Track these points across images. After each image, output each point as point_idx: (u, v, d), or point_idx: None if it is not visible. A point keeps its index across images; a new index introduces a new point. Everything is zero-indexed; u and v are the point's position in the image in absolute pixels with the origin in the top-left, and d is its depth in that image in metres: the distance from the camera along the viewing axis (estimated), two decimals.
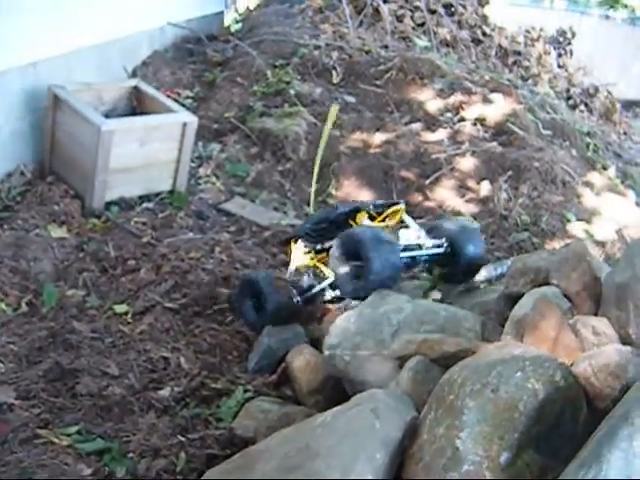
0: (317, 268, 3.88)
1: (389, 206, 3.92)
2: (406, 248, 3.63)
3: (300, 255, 3.97)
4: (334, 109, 5.89)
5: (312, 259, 3.92)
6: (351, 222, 3.78)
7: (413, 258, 3.68)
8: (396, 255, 3.37)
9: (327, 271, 3.72)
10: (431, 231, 3.83)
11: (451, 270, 3.84)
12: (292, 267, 4.02)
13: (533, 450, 2.08)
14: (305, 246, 3.95)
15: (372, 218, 3.86)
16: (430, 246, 3.74)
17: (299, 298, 3.79)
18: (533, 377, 2.13)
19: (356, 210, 3.82)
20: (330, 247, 3.63)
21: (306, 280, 3.88)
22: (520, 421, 2.06)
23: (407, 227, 3.84)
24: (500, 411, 2.08)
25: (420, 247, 3.72)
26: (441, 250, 3.77)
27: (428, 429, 2.21)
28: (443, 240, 3.77)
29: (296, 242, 4.03)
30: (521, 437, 2.05)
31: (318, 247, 3.88)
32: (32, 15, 5.08)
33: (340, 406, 2.40)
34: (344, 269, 3.43)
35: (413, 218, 4.08)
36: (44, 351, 3.56)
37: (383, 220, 3.88)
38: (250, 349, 3.74)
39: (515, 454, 2.04)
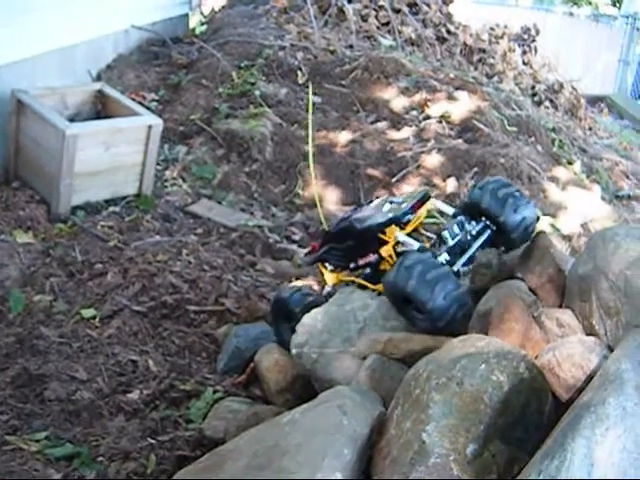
0: (355, 283, 3.42)
1: (419, 205, 3.30)
2: (455, 248, 3.16)
3: (334, 276, 3.51)
4: (310, 93, 5.89)
5: (349, 276, 3.47)
6: (381, 237, 3.21)
7: (470, 258, 3.17)
8: (453, 285, 2.86)
9: (368, 284, 3.31)
10: (467, 210, 3.29)
11: (505, 246, 3.26)
12: (328, 289, 3.50)
13: (500, 441, 2.09)
14: (334, 269, 3.49)
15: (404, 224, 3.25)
16: (478, 232, 3.23)
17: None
18: (497, 369, 2.15)
19: (387, 224, 3.20)
20: (368, 263, 3.28)
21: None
22: (485, 413, 2.08)
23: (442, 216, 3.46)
24: (466, 404, 2.10)
25: (470, 237, 3.22)
26: (488, 232, 3.23)
27: (395, 424, 2.23)
28: (484, 220, 3.24)
29: (324, 265, 3.54)
30: (487, 429, 2.07)
31: (353, 265, 3.39)
32: None
33: (307, 404, 2.41)
34: (406, 311, 2.97)
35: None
36: (11, 357, 3.53)
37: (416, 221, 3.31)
38: (219, 350, 3.74)
39: (482, 446, 2.05)
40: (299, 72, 7.37)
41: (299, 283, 3.64)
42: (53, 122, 4.91)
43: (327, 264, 3.49)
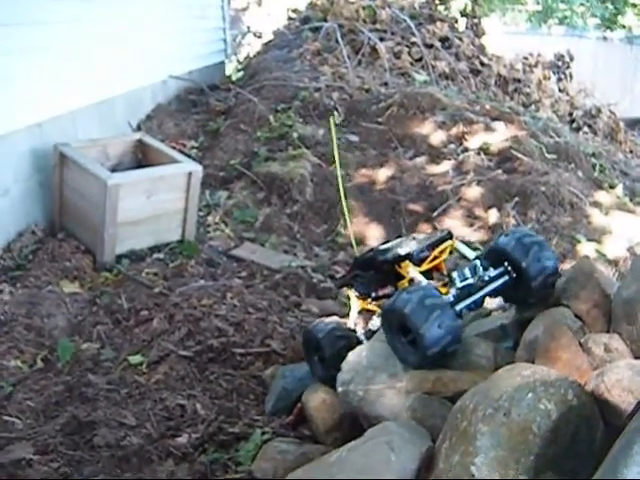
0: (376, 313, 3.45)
1: (436, 245, 3.33)
2: (464, 290, 3.11)
3: (359, 302, 3.55)
4: (332, 119, 5.91)
5: (373, 305, 3.50)
6: (398, 270, 3.27)
7: (475, 302, 3.13)
8: (450, 316, 2.82)
9: None
10: (489, 255, 3.24)
11: (522, 295, 3.20)
12: (354, 314, 3.57)
13: (551, 472, 2.05)
14: (358, 295, 3.54)
15: (419, 261, 3.27)
16: (492, 278, 3.16)
17: (365, 340, 3.38)
18: (545, 397, 2.11)
19: (400, 259, 3.27)
20: (385, 295, 3.30)
21: (375, 323, 3.42)
22: (535, 443, 2.04)
23: (462, 259, 3.44)
24: (514, 434, 2.06)
25: (481, 283, 3.14)
26: (505, 278, 3.16)
27: (444, 458, 2.19)
28: (505, 265, 3.16)
29: (350, 289, 3.61)
30: (537, 459, 2.03)
31: (373, 295, 3.44)
32: (35, 77, 5.19)
33: (355, 441, 2.39)
34: (398, 342, 2.96)
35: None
36: (61, 405, 3.57)
37: (433, 259, 3.31)
38: (266, 392, 3.73)
39: (533, 477, 2.01)
40: (335, 112, 7.42)
41: (330, 319, 3.65)
42: (95, 173, 5.01)
43: (354, 290, 3.55)
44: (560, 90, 10.56)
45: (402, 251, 3.28)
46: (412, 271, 3.21)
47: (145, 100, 7.43)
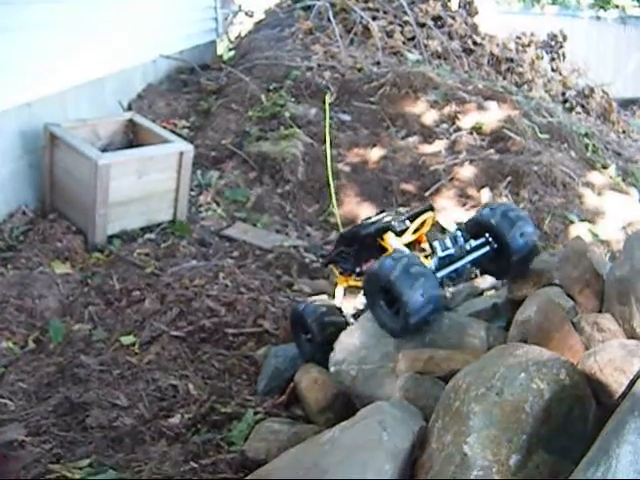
0: (359, 288, 3.48)
1: (416, 216, 3.43)
2: (445, 260, 3.16)
3: (343, 278, 3.63)
4: (327, 98, 5.86)
5: (357, 281, 3.55)
6: (380, 242, 3.34)
7: (456, 271, 3.19)
8: (433, 285, 2.86)
9: None
10: (472, 227, 3.29)
11: (501, 266, 3.26)
12: (340, 291, 3.63)
13: (543, 451, 2.05)
14: (342, 271, 3.62)
15: (400, 232, 3.35)
16: (473, 248, 3.22)
17: (353, 320, 3.44)
18: (537, 377, 2.11)
19: (382, 230, 3.35)
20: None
21: (362, 301, 3.46)
22: (527, 422, 2.04)
23: (443, 233, 3.45)
24: (506, 414, 2.05)
25: (462, 252, 3.20)
26: (486, 249, 3.22)
27: (436, 437, 2.20)
28: (486, 237, 3.22)
29: (336, 267, 3.68)
30: (530, 438, 2.03)
31: (357, 270, 3.50)
32: (24, 57, 5.14)
33: (347, 421, 2.39)
34: (378, 307, 3.00)
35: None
36: (53, 386, 3.57)
37: (415, 231, 3.39)
38: (259, 372, 3.73)
39: (525, 456, 2.01)
40: (327, 91, 7.38)
41: (318, 298, 3.66)
42: (85, 153, 4.98)
43: (339, 267, 3.61)
44: (553, 70, 10.53)
45: (384, 223, 3.37)
46: (394, 242, 3.27)
47: (135, 80, 7.38)
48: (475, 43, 9.53)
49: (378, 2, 9.51)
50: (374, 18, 9.18)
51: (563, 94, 9.90)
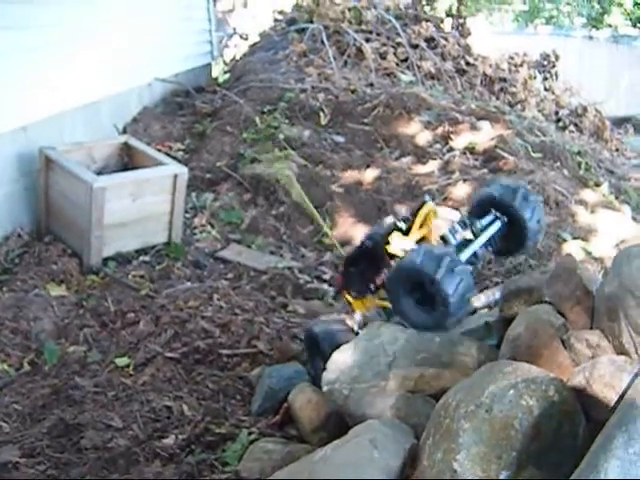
0: (379, 307, 3.43)
1: (415, 211, 3.35)
2: (461, 246, 3.08)
3: (359, 302, 3.51)
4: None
5: (373, 300, 3.46)
6: (389, 250, 3.24)
7: (475, 254, 3.10)
8: (472, 286, 2.79)
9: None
10: (475, 211, 3.28)
11: (515, 245, 3.30)
12: (358, 316, 3.49)
13: (533, 467, 2.06)
14: (356, 295, 3.49)
15: (406, 233, 3.29)
16: (484, 226, 3.18)
17: None
18: (526, 394, 2.13)
19: (388, 232, 3.26)
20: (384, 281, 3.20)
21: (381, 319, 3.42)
22: (517, 439, 2.06)
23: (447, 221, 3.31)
24: (496, 430, 2.07)
25: (477, 231, 3.15)
26: (498, 225, 3.20)
27: (427, 455, 2.21)
28: (493, 213, 3.21)
29: (349, 293, 3.54)
30: (519, 455, 2.04)
31: (372, 287, 3.37)
32: (20, 80, 5.18)
33: (339, 439, 2.40)
34: (406, 301, 2.86)
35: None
36: (47, 408, 3.57)
37: (421, 227, 3.32)
38: (253, 392, 3.74)
39: (515, 472, 2.03)
40: (321, 113, 7.43)
41: (331, 317, 3.63)
42: (80, 176, 5.00)
43: (351, 292, 3.52)
44: (546, 89, 10.60)
45: (387, 225, 3.31)
46: (398, 240, 3.21)
47: (131, 103, 7.42)
48: (468, 64, 9.60)
49: (371, 24, 9.58)
50: (367, 40, 9.26)
51: (556, 113, 9.97)
